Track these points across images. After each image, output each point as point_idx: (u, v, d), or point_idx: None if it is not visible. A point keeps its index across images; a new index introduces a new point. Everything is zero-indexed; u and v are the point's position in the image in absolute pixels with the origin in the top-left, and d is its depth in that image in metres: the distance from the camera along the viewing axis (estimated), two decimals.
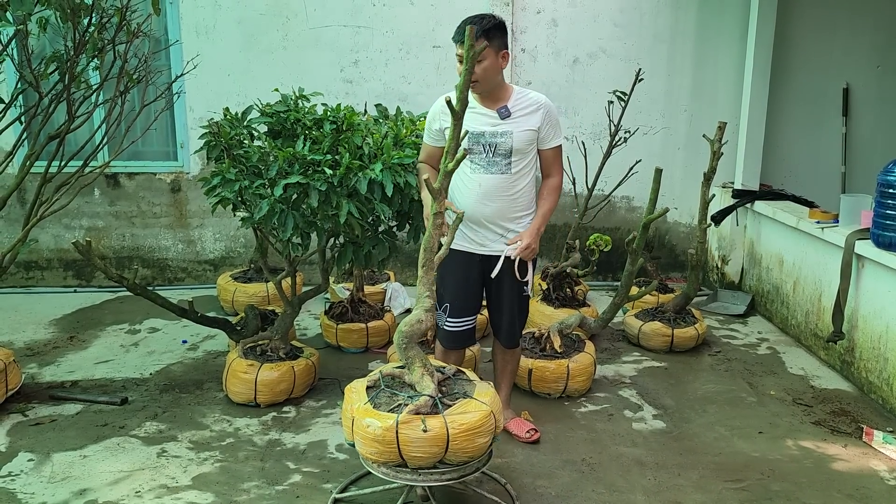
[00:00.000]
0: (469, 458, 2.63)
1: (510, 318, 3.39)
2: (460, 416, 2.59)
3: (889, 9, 5.92)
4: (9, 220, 5.73)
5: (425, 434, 2.51)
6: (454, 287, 3.26)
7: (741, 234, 5.82)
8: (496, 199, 3.15)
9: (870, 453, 3.46)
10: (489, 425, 2.64)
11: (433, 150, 3.22)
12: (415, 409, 2.57)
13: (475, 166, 3.12)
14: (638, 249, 4.10)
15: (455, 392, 2.76)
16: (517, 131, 3.10)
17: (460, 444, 2.56)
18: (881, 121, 6.12)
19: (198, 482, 3.14)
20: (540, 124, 3.13)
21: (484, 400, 2.69)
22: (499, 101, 3.11)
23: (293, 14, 5.65)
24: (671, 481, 3.20)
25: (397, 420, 2.54)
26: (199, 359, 4.52)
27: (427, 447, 2.53)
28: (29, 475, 3.17)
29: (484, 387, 2.81)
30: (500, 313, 3.39)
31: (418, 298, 2.73)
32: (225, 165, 3.46)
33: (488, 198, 3.14)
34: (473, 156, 3.10)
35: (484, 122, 3.10)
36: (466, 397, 2.71)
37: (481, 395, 2.72)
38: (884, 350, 3.94)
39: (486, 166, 3.12)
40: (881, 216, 3.86)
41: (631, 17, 5.81)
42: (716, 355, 4.70)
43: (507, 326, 3.41)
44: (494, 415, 2.67)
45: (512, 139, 3.10)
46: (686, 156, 6.03)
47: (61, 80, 3.70)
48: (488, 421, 2.63)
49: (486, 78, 3.02)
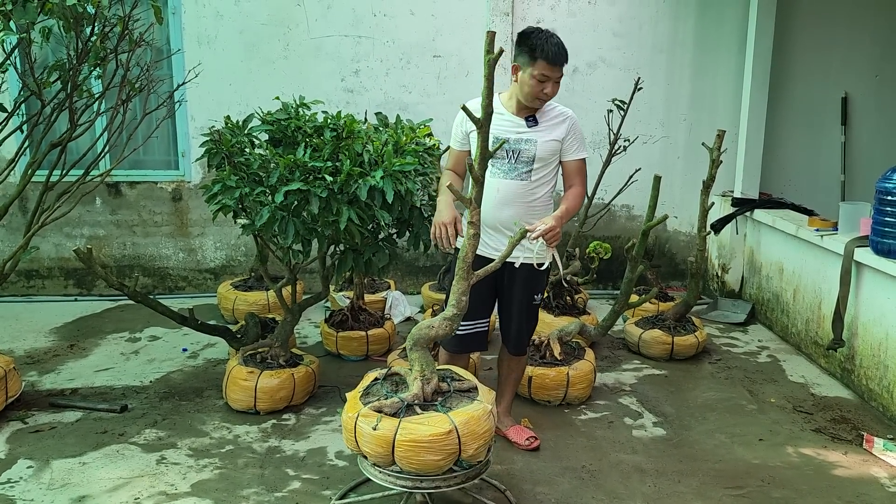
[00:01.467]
0: (417, 472, 2.56)
1: (518, 325, 3.40)
2: (415, 427, 2.52)
3: (886, 20, 5.96)
4: (10, 228, 5.75)
5: (374, 432, 2.53)
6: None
7: (741, 243, 5.83)
8: (514, 204, 3.18)
9: (870, 460, 3.45)
10: (444, 445, 2.51)
11: (459, 155, 3.27)
12: (378, 407, 2.60)
13: (495, 171, 3.16)
14: (637, 256, 4.11)
15: (438, 403, 2.67)
16: (541, 140, 3.16)
17: (405, 453, 2.52)
18: (880, 129, 6.15)
19: (197, 489, 3.13)
20: (564, 136, 3.20)
21: (455, 419, 2.55)
22: (528, 110, 3.18)
23: (294, 24, 5.69)
24: (671, 488, 3.19)
25: (358, 413, 2.59)
26: (199, 367, 4.52)
27: (373, 445, 2.55)
28: (28, 482, 3.17)
29: (473, 407, 2.64)
30: (509, 319, 3.40)
31: (447, 306, 2.71)
32: (226, 173, 3.47)
33: (506, 203, 3.17)
34: (495, 160, 3.14)
35: (510, 128, 3.16)
36: (440, 411, 2.61)
37: (457, 415, 2.58)
38: (884, 357, 3.94)
39: (507, 172, 3.17)
40: (880, 223, 3.87)
41: (630, 27, 5.85)
42: (716, 363, 4.70)
43: (515, 333, 3.43)
44: (459, 436, 2.52)
45: (536, 147, 3.16)
46: (685, 165, 6.05)
47: (63, 88, 3.73)
48: (443, 441, 2.51)
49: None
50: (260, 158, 3.44)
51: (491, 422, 2.66)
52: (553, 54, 3.03)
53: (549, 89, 3.08)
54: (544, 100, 3.13)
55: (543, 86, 3.06)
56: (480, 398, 2.73)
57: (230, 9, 5.64)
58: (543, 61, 3.03)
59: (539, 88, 3.06)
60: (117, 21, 3.71)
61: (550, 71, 3.04)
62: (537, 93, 3.07)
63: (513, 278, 3.26)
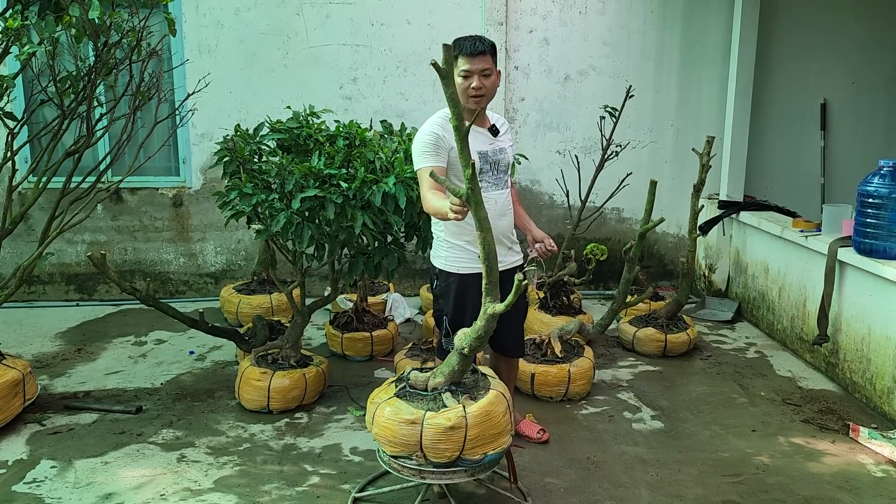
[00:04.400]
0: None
1: (518, 329, 3.46)
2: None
3: (862, 30, 6.23)
4: (13, 235, 5.77)
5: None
6: (472, 310, 3.03)
7: (727, 244, 6.05)
8: (507, 213, 3.25)
9: (857, 448, 3.66)
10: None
11: (442, 171, 3.08)
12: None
13: (486, 185, 3.11)
14: (634, 258, 4.29)
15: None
16: (508, 147, 3.24)
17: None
18: (857, 134, 6.42)
19: (220, 485, 3.25)
20: (513, 141, 3.39)
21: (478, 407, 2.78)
22: (485, 120, 3.20)
23: (294, 33, 5.81)
24: (672, 476, 3.37)
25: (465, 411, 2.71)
26: (207, 368, 4.62)
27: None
28: (53, 481, 3.27)
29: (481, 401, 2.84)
30: (510, 328, 3.32)
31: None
32: (242, 180, 3.59)
33: (503, 213, 3.21)
34: (483, 174, 3.11)
35: (484, 140, 3.14)
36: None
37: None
38: (867, 351, 4.16)
39: (495, 183, 3.17)
40: (862, 224, 4.09)
41: (619, 36, 6.05)
42: (707, 359, 4.90)
43: (515, 338, 3.48)
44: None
45: (507, 155, 3.23)
46: (673, 168, 6.26)
47: (76, 98, 3.83)
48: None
49: (491, 92, 3.09)
50: (276, 166, 3.57)
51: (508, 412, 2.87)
52: (468, 46, 2.98)
53: (475, 83, 3.00)
54: (477, 97, 3.03)
55: (468, 82, 3.00)
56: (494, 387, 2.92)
57: (230, 18, 5.75)
58: (462, 56, 2.99)
59: (465, 85, 3.00)
60: (130, 32, 3.82)
61: (470, 63, 2.98)
62: (465, 89, 3.00)
63: (509, 283, 3.29)
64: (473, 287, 2.98)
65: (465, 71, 3.01)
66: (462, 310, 3.15)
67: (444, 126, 3.00)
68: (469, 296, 3.11)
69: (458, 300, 3.17)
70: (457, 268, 3.16)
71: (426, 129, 3.06)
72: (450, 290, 3.20)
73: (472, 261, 3.08)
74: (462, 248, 3.14)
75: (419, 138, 3.06)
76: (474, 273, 3.02)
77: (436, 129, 3.04)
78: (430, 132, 3.03)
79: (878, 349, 4.05)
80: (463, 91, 3.00)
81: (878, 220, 3.99)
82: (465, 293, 3.14)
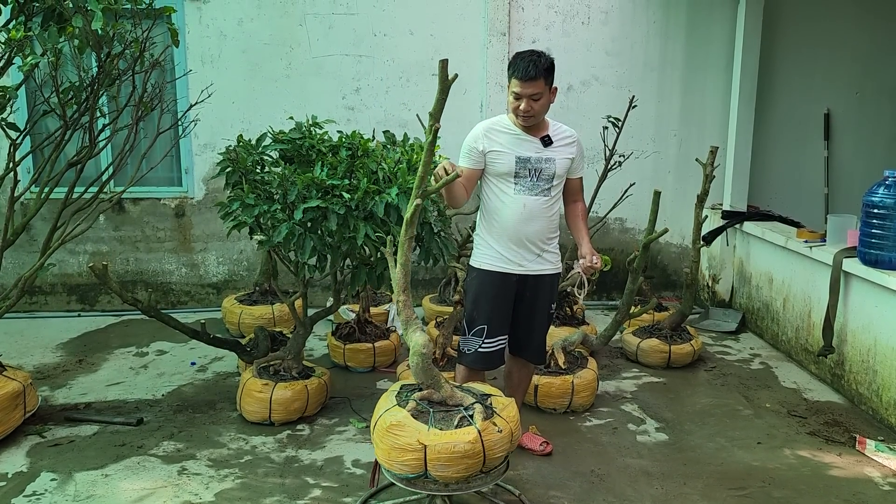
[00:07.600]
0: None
1: (540, 335, 3.54)
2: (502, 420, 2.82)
3: (866, 39, 6.23)
4: (15, 245, 5.76)
5: (501, 434, 2.74)
6: (489, 308, 3.36)
7: (731, 254, 6.03)
8: (538, 219, 3.32)
9: (863, 461, 3.63)
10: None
11: (470, 173, 3.30)
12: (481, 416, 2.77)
13: (519, 188, 3.27)
14: (638, 268, 4.27)
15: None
16: (559, 158, 3.32)
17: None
18: (860, 143, 6.41)
19: (221, 498, 3.22)
20: (575, 155, 3.38)
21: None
22: (541, 131, 3.31)
23: (297, 43, 5.82)
24: (677, 490, 3.34)
25: (478, 430, 2.71)
26: (209, 380, 4.60)
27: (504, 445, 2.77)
28: (53, 494, 3.24)
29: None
30: (530, 331, 3.49)
31: (410, 322, 2.82)
32: (245, 191, 3.58)
33: (532, 218, 3.30)
34: (519, 179, 3.26)
35: (530, 148, 3.28)
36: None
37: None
38: (872, 363, 4.13)
39: (531, 188, 3.28)
40: (867, 235, 4.07)
41: (622, 46, 6.05)
42: (711, 370, 4.86)
43: (537, 344, 3.55)
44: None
45: (555, 165, 3.31)
46: (676, 179, 6.25)
47: (78, 109, 3.83)
48: None
49: (541, 112, 3.24)
50: (279, 177, 3.56)
51: None
52: (521, 70, 3.11)
53: (523, 105, 3.15)
54: (524, 116, 3.19)
55: (518, 103, 3.16)
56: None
57: (233, 29, 5.76)
58: (514, 79, 3.15)
59: (515, 105, 3.18)
60: (133, 42, 3.82)
61: (521, 87, 3.12)
62: (514, 109, 3.20)
63: (535, 290, 3.39)
64: (489, 284, 3.33)
65: (516, 94, 3.16)
66: (474, 302, 3.38)
67: (488, 133, 3.27)
68: (482, 289, 3.35)
69: (476, 296, 3.38)
70: (480, 263, 3.38)
71: (471, 133, 3.33)
72: (471, 286, 3.43)
73: (495, 258, 3.34)
74: (488, 245, 3.36)
75: (465, 140, 3.34)
76: (495, 271, 3.33)
77: (479, 131, 3.30)
78: (471, 136, 3.32)
79: (885, 360, 4.02)
80: (513, 109, 3.22)
81: (883, 231, 3.97)
82: (481, 290, 3.36)
